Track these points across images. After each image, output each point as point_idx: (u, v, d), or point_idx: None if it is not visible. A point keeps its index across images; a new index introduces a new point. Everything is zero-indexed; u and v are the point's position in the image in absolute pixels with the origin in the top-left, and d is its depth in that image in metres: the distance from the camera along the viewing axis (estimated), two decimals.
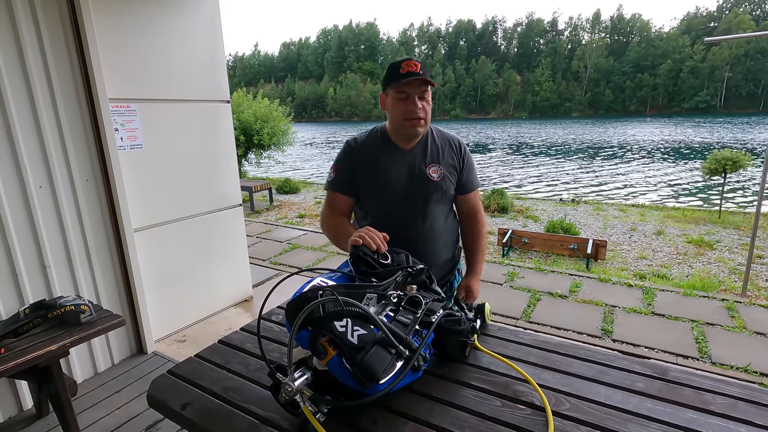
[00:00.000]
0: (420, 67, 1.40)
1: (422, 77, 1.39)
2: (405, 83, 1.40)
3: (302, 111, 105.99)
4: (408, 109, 1.43)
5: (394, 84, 1.42)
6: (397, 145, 1.54)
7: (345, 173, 1.57)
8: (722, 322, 3.17)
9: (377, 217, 1.56)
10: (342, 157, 1.59)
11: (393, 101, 1.46)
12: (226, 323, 3.23)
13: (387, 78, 1.46)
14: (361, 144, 1.57)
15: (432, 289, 1.18)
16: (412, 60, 1.41)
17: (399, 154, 1.54)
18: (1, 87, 2.03)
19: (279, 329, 1.36)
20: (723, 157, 6.84)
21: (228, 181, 3.33)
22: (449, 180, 1.56)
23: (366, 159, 1.54)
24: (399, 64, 1.41)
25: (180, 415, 1.00)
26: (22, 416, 2.20)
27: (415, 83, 1.41)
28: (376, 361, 0.85)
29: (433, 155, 1.55)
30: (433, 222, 1.56)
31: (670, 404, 0.93)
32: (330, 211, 1.58)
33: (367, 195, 1.57)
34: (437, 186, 1.53)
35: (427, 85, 1.43)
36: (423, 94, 1.44)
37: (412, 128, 1.46)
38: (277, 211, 8.03)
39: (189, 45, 2.92)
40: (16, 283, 2.14)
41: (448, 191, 1.57)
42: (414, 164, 1.53)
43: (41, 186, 2.22)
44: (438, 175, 1.53)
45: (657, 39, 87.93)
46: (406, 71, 1.39)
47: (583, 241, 5.05)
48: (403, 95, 1.43)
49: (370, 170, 1.53)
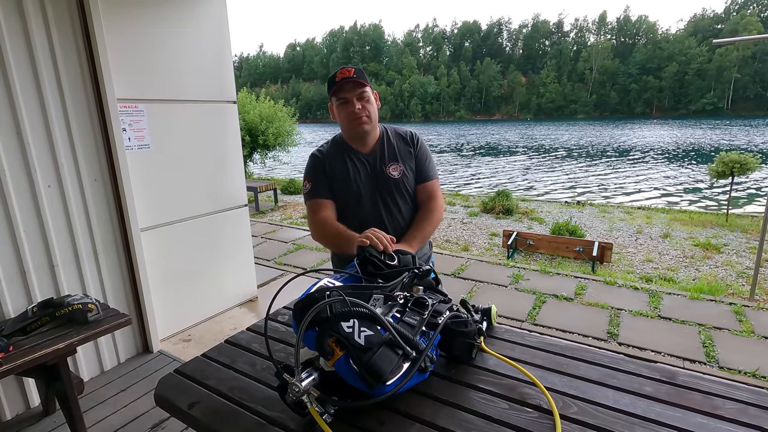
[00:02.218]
0: (354, 72, 1.50)
1: (354, 80, 1.49)
2: (341, 89, 1.51)
3: (307, 112, 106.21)
4: (349, 111, 1.53)
5: (332, 91, 1.53)
6: (356, 149, 1.63)
7: (321, 180, 1.63)
8: (730, 326, 3.14)
9: (355, 218, 1.61)
10: (312, 166, 1.67)
11: (337, 109, 1.57)
12: (231, 323, 3.24)
13: (328, 88, 1.56)
14: (326, 153, 1.66)
15: (438, 291, 1.18)
16: (345, 67, 1.52)
17: (361, 157, 1.63)
18: (12, 88, 2.05)
19: (285, 329, 1.37)
20: (730, 159, 6.77)
21: (234, 182, 3.34)
22: (408, 175, 1.64)
23: (332, 166, 1.62)
24: (335, 74, 1.52)
25: (187, 414, 1.00)
26: (30, 414, 2.22)
27: (349, 87, 1.50)
28: (383, 363, 0.85)
29: (390, 153, 1.64)
30: (401, 217, 1.64)
31: (679, 408, 0.93)
32: (318, 218, 1.60)
33: (341, 200, 1.63)
34: (398, 182, 1.61)
35: (363, 87, 1.52)
36: (361, 95, 1.52)
37: (358, 127, 1.55)
38: (281, 212, 8.05)
39: (196, 46, 2.94)
40: (24, 282, 2.16)
41: (409, 186, 1.65)
42: (375, 164, 1.62)
43: (50, 185, 2.24)
44: (398, 172, 1.62)
45: (663, 41, 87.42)
46: (340, 78, 1.50)
47: (588, 243, 5.02)
48: (342, 100, 1.53)
49: (338, 176, 1.61)
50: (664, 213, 7.92)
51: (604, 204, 9.08)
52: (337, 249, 1.58)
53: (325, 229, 1.58)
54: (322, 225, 1.58)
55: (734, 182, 7.27)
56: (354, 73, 1.50)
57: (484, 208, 7.76)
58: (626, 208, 8.50)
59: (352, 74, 1.49)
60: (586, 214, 7.65)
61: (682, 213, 7.95)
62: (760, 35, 3.98)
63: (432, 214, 1.65)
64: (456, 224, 6.91)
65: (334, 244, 1.58)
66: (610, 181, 13.15)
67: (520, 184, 12.94)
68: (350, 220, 1.61)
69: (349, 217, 1.62)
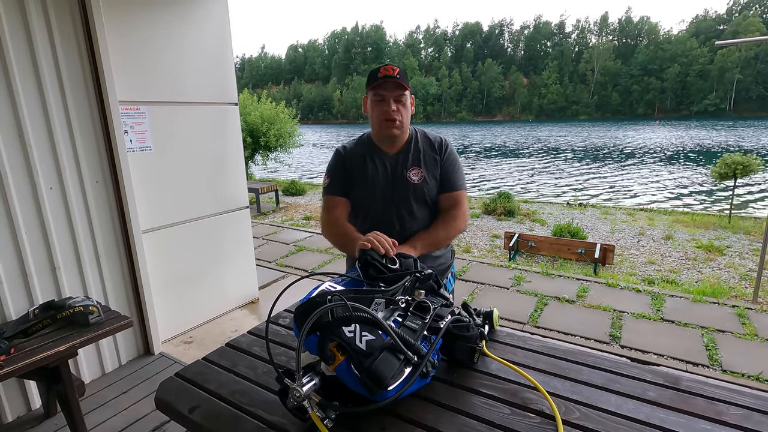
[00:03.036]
0: (397, 72, 1.45)
1: (397, 80, 1.44)
2: (380, 85, 1.46)
3: (309, 113, 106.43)
4: (383, 110, 1.48)
5: (371, 86, 1.48)
6: (382, 149, 1.60)
7: (339, 177, 1.62)
8: (733, 329, 3.12)
9: (368, 219, 1.60)
10: (334, 163, 1.65)
11: (371, 104, 1.53)
12: (232, 325, 3.24)
13: (367, 81, 1.52)
14: (350, 150, 1.63)
15: (440, 295, 1.18)
16: (390, 65, 1.47)
17: (384, 158, 1.59)
18: (14, 90, 2.05)
19: (286, 332, 1.36)
20: (733, 161, 6.75)
21: (235, 183, 3.34)
22: (430, 182, 1.57)
23: (354, 164, 1.60)
24: (378, 69, 1.47)
25: (187, 419, 1.00)
26: (31, 416, 2.22)
27: (390, 86, 1.46)
28: (384, 367, 0.85)
29: (414, 158, 1.58)
30: (415, 224, 1.57)
31: (683, 414, 0.92)
32: (330, 216, 1.60)
33: (355, 199, 1.61)
34: (417, 188, 1.56)
35: (403, 90, 1.48)
36: (399, 98, 1.48)
37: (388, 129, 1.51)
38: (283, 213, 8.05)
39: (198, 48, 2.94)
40: (26, 284, 2.16)
41: (429, 193, 1.57)
42: (396, 167, 1.58)
43: (52, 188, 2.24)
44: (418, 177, 1.56)
45: (665, 42, 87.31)
46: (383, 74, 1.45)
47: (590, 245, 5.01)
48: (379, 98, 1.49)
49: (358, 175, 1.59)
50: (666, 215, 7.90)
51: (606, 206, 9.06)
52: (343, 249, 1.57)
53: (335, 228, 1.57)
54: (333, 223, 1.58)
55: (738, 184, 7.23)
56: (398, 73, 1.45)
57: (485, 210, 7.75)
58: (628, 209, 8.48)
59: (395, 74, 1.44)
60: (588, 215, 7.64)
61: (684, 215, 7.92)
62: (762, 36, 3.97)
63: (450, 222, 1.57)
64: None
65: (341, 244, 1.56)
66: (612, 182, 13.12)
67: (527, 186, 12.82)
68: (362, 221, 1.60)
69: (361, 218, 1.61)
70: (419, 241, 1.51)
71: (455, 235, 1.61)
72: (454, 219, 1.57)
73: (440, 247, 1.61)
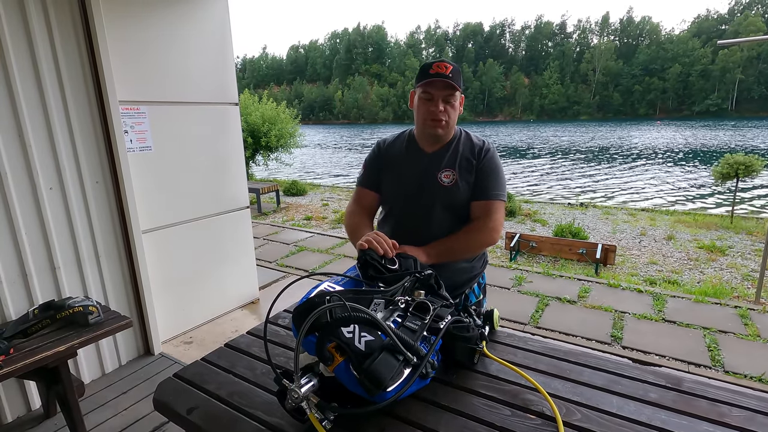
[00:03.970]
0: (450, 71, 1.37)
1: (448, 80, 1.37)
2: (430, 83, 1.39)
3: (310, 113, 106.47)
4: (429, 110, 1.42)
5: (421, 83, 1.41)
6: (421, 147, 1.55)
7: (372, 171, 1.62)
8: (735, 329, 3.11)
9: (393, 216, 1.60)
10: (371, 156, 1.64)
11: (418, 100, 1.46)
12: (232, 325, 3.24)
13: (418, 76, 1.44)
14: (389, 145, 1.62)
15: (440, 295, 1.17)
16: (444, 62, 1.38)
17: (419, 157, 1.54)
18: (14, 90, 2.05)
19: (285, 333, 1.36)
20: (735, 161, 6.72)
21: (236, 184, 3.34)
22: (461, 186, 1.47)
23: (391, 159, 1.59)
24: (431, 65, 1.39)
25: (185, 420, 0.99)
26: (30, 416, 2.21)
27: (439, 85, 1.39)
28: (383, 368, 0.84)
29: (450, 160, 1.49)
30: (438, 227, 1.49)
31: (685, 416, 0.91)
32: (355, 207, 1.62)
33: (386, 194, 1.60)
34: (447, 191, 1.47)
35: (453, 90, 1.40)
36: (447, 98, 1.41)
37: (432, 128, 1.45)
38: (284, 213, 8.05)
39: (198, 48, 2.94)
40: (25, 284, 2.16)
41: (459, 198, 1.47)
42: (429, 167, 1.50)
43: (51, 188, 2.24)
44: (450, 180, 1.47)
45: (667, 42, 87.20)
46: (435, 71, 1.37)
47: (592, 245, 4.99)
48: (428, 95, 1.42)
49: (392, 170, 1.57)
50: (668, 215, 7.87)
51: (608, 206, 9.04)
52: (352, 241, 1.51)
53: (351, 218, 1.60)
54: (352, 213, 1.61)
55: (740, 184, 7.20)
56: (451, 72, 1.37)
57: None
58: (630, 209, 8.46)
59: (448, 72, 1.37)
60: (589, 215, 7.62)
61: (686, 215, 7.90)
62: (764, 36, 3.95)
63: (472, 233, 1.45)
64: None
65: (351, 236, 1.55)
66: (614, 183, 13.09)
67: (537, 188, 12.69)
68: (388, 216, 1.61)
69: (390, 215, 1.61)
70: (434, 248, 1.42)
71: (478, 248, 1.51)
72: (477, 231, 1.45)
73: (458, 258, 1.50)
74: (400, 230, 1.52)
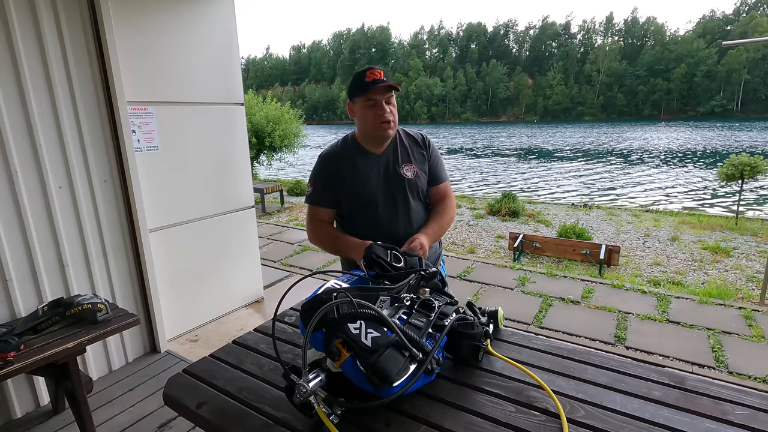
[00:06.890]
0: (383, 74, 1.49)
1: (387, 83, 1.47)
2: (372, 90, 1.48)
3: (313, 114, 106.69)
4: (378, 114, 1.51)
5: (361, 93, 1.50)
6: (369, 150, 1.62)
7: (323, 186, 1.63)
8: (739, 330, 3.10)
9: (363, 222, 1.62)
10: (318, 170, 1.65)
11: (362, 109, 1.53)
12: (237, 324, 3.26)
13: (353, 87, 1.52)
14: (335, 158, 1.64)
15: (445, 293, 1.18)
16: (374, 68, 1.50)
17: (373, 159, 1.62)
18: (25, 91, 2.08)
19: (292, 330, 1.37)
20: (740, 162, 6.69)
21: (241, 183, 3.36)
22: (421, 176, 1.65)
23: (343, 168, 1.61)
24: (364, 73, 1.49)
25: (195, 414, 1.01)
26: (39, 412, 2.24)
27: (380, 90, 1.48)
28: (389, 364, 0.86)
29: (404, 155, 1.64)
30: (414, 218, 1.63)
31: (688, 413, 0.92)
32: (314, 225, 1.65)
33: (349, 202, 1.62)
34: (412, 183, 1.62)
35: (392, 90, 1.52)
36: (389, 99, 1.52)
37: (384, 131, 1.54)
38: (288, 213, 8.08)
39: (205, 49, 2.96)
40: (35, 281, 2.19)
41: (422, 187, 1.66)
42: (388, 166, 1.61)
43: (61, 186, 2.27)
44: (411, 173, 1.62)
45: (672, 42, 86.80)
46: (371, 79, 1.47)
47: (595, 246, 4.99)
48: (372, 102, 1.50)
49: (350, 178, 1.60)
50: (672, 216, 7.85)
51: (612, 206, 9.02)
52: (336, 252, 1.64)
53: (322, 234, 1.64)
54: (319, 229, 1.64)
55: (745, 185, 7.16)
56: (384, 75, 1.49)
57: (490, 211, 7.73)
58: (634, 210, 8.43)
59: (382, 77, 1.48)
60: (593, 216, 7.60)
61: (690, 216, 7.87)
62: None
63: (447, 211, 1.68)
64: (462, 226, 6.90)
65: (333, 248, 1.63)
66: (617, 183, 13.04)
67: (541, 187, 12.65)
68: (362, 222, 1.61)
69: (361, 220, 1.62)
70: (431, 229, 1.59)
71: (450, 224, 1.72)
72: (449, 208, 1.70)
73: (443, 235, 1.71)
74: (378, 230, 1.56)
